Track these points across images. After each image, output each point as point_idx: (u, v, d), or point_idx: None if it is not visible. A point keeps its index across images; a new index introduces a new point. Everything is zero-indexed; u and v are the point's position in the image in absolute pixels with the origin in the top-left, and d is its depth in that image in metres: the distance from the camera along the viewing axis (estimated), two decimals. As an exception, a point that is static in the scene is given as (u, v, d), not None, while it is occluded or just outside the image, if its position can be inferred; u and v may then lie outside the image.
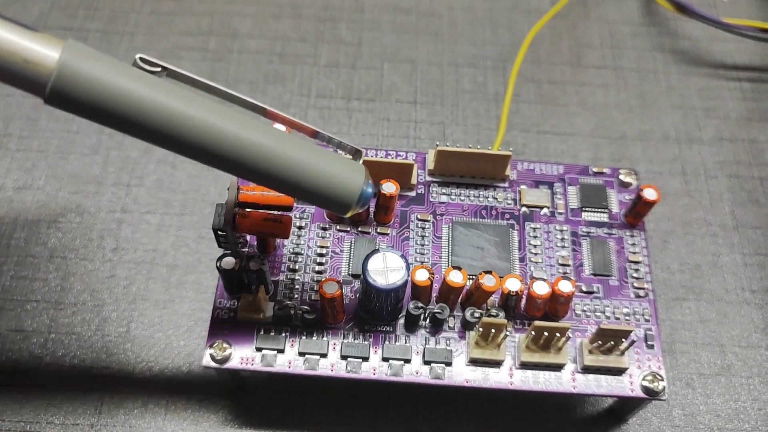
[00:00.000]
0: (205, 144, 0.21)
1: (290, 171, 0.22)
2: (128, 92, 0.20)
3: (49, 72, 0.19)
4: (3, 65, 0.19)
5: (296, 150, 0.22)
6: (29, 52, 0.18)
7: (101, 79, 0.19)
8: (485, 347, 0.28)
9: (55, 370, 0.32)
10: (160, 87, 0.20)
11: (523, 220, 0.32)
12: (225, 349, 0.28)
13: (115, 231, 0.36)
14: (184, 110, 0.20)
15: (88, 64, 0.19)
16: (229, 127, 0.21)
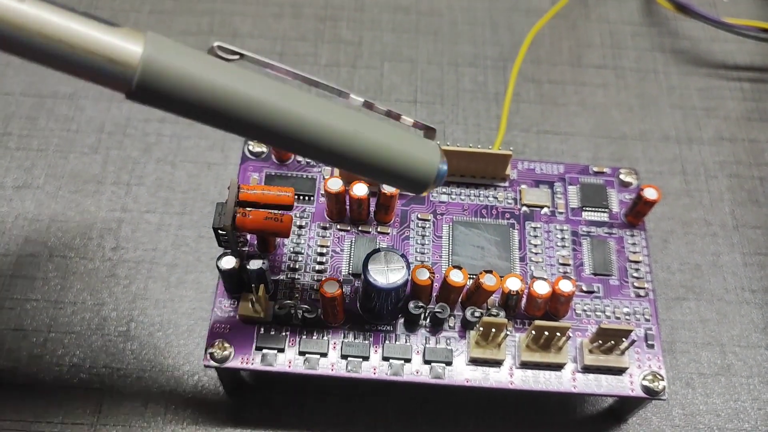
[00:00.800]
0: (288, 130, 0.21)
1: (372, 154, 0.22)
2: (210, 83, 0.19)
3: (134, 69, 0.18)
4: (87, 65, 0.18)
5: (377, 133, 0.22)
6: (113, 51, 0.18)
7: (184, 72, 0.19)
8: (485, 347, 0.28)
9: (54, 370, 0.32)
10: (240, 76, 0.20)
11: (523, 220, 0.32)
12: (225, 349, 0.28)
13: (115, 230, 0.35)
14: (265, 98, 0.20)
15: (171, 57, 0.19)
16: (312, 114, 0.21)
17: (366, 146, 0.22)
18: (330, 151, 0.22)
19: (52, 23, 0.17)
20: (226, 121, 0.20)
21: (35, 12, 0.16)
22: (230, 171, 0.37)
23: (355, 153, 0.22)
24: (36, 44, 0.17)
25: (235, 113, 0.20)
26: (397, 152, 0.23)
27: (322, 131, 0.21)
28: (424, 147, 0.24)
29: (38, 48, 0.17)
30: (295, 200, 0.31)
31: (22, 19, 0.16)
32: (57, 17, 0.17)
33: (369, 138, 0.22)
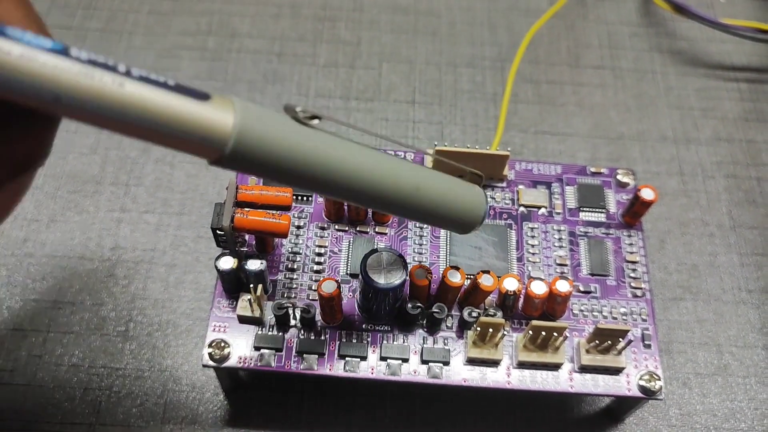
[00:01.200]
0: (365, 191, 0.22)
1: (434, 207, 0.24)
2: (295, 149, 0.20)
3: (225, 142, 0.18)
4: (182, 142, 0.18)
5: (440, 186, 0.24)
6: (206, 127, 0.18)
7: (271, 141, 0.19)
8: (483, 347, 0.28)
9: (53, 370, 0.32)
10: (320, 140, 0.21)
11: (521, 220, 0.32)
12: (223, 349, 0.28)
13: (114, 230, 0.36)
14: (343, 162, 0.21)
15: (260, 127, 0.19)
16: (387, 174, 0.22)
17: (430, 200, 0.24)
18: (402, 206, 0.23)
19: (151, 105, 0.17)
20: (306, 183, 0.21)
21: (136, 96, 0.17)
22: (229, 171, 0.37)
23: (421, 206, 0.24)
24: (133, 125, 0.17)
25: (315, 176, 0.21)
26: (453, 202, 0.25)
27: (396, 189, 0.23)
28: (473, 195, 0.26)
29: (135, 128, 0.17)
30: (294, 200, 0.31)
31: (123, 103, 0.17)
32: (155, 98, 0.17)
33: (433, 192, 0.24)
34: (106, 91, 0.16)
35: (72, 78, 0.16)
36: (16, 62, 0.15)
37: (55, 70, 0.15)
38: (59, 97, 0.16)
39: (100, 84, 0.16)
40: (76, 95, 0.16)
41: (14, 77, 0.15)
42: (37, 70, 0.15)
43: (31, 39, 0.15)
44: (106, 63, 0.16)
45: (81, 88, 0.16)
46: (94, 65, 0.16)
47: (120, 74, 0.16)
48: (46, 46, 0.15)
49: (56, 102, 0.16)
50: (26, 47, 0.15)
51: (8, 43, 0.15)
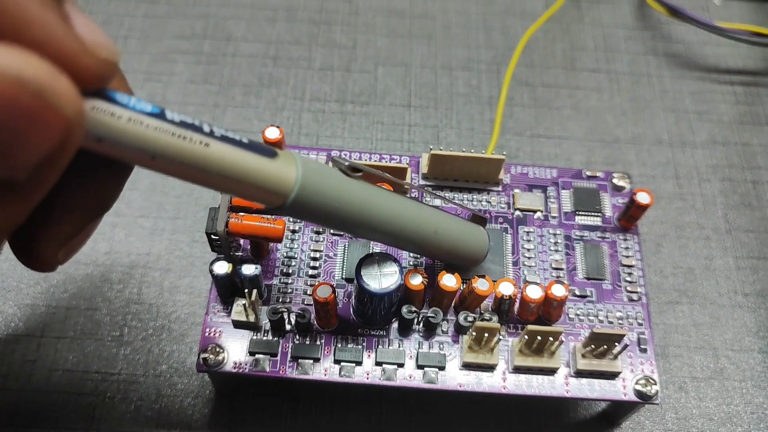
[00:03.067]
0: (397, 233, 0.25)
1: (449, 248, 0.28)
2: (346, 200, 0.23)
3: (287, 195, 0.21)
4: (251, 195, 0.20)
5: (455, 230, 0.28)
6: (274, 183, 0.20)
7: (326, 193, 0.22)
8: (478, 351, 0.28)
9: (47, 375, 0.32)
10: (365, 191, 0.24)
11: (516, 224, 0.32)
12: (218, 354, 0.28)
13: (109, 234, 0.35)
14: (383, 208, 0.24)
15: (317, 181, 0.22)
16: (415, 219, 0.26)
17: (443, 242, 0.27)
18: (419, 247, 0.27)
19: (230, 162, 0.19)
20: (350, 228, 0.25)
21: (219, 154, 0.19)
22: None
23: (435, 247, 0.27)
24: (214, 179, 0.19)
25: (358, 223, 0.24)
26: (462, 244, 0.28)
27: (418, 234, 0.26)
28: (478, 237, 0.29)
29: (215, 181, 0.19)
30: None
31: (207, 161, 0.19)
32: (234, 156, 0.19)
33: (447, 236, 0.27)
34: (195, 150, 0.18)
35: (168, 139, 0.18)
36: (125, 125, 0.17)
37: (155, 132, 0.17)
38: (155, 155, 0.18)
39: (190, 144, 0.18)
40: (169, 154, 0.18)
41: (122, 138, 0.17)
42: (141, 132, 0.17)
43: (136, 104, 0.17)
44: (194, 124, 0.18)
45: (175, 147, 0.18)
46: (186, 126, 0.18)
47: (205, 134, 0.19)
48: (148, 110, 0.17)
49: (152, 159, 0.18)
50: (133, 112, 0.17)
51: (119, 108, 0.17)
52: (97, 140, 0.17)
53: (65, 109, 0.15)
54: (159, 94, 0.40)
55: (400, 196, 0.26)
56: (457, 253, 0.28)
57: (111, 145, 0.17)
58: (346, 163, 0.23)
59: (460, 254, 0.28)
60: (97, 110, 0.17)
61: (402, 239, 0.26)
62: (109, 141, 0.17)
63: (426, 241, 0.26)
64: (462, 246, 0.28)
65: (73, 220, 0.20)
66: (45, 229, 0.20)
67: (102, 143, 0.17)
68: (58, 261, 0.21)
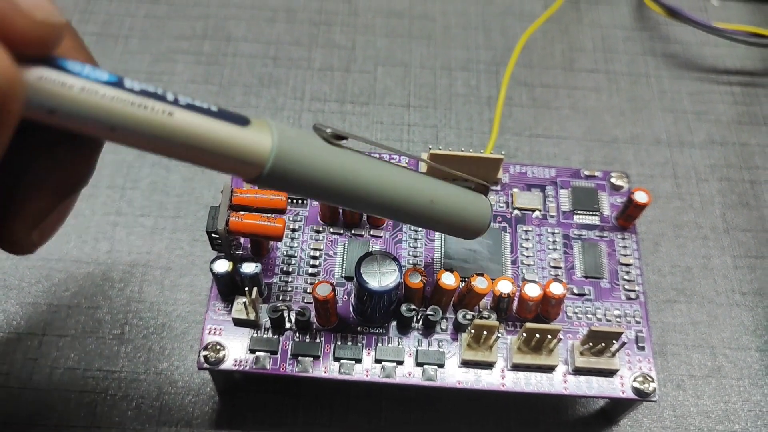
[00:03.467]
0: (387, 203, 0.24)
1: (447, 217, 0.26)
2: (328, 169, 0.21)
3: (263, 164, 0.20)
4: (223, 165, 0.19)
5: (453, 198, 0.26)
6: (247, 151, 0.19)
7: (307, 161, 0.21)
8: (477, 349, 0.28)
9: (49, 373, 0.32)
10: (349, 158, 0.22)
11: (515, 223, 0.32)
12: (219, 351, 0.28)
13: (110, 233, 0.36)
14: (369, 178, 0.23)
15: (295, 149, 0.20)
16: (408, 188, 0.24)
17: (443, 211, 0.25)
18: (417, 217, 0.25)
19: (198, 131, 0.18)
20: (336, 199, 0.23)
21: (184, 123, 0.18)
22: (224, 175, 0.37)
23: (435, 217, 0.25)
24: (180, 150, 0.18)
25: (343, 192, 0.22)
26: (463, 212, 0.26)
27: (413, 202, 0.24)
28: (480, 205, 0.27)
29: (182, 152, 0.18)
30: (289, 204, 0.31)
31: (172, 130, 0.18)
32: (201, 124, 0.18)
33: (445, 203, 0.25)
34: (157, 120, 0.17)
35: (127, 109, 0.17)
36: (78, 95, 0.16)
37: (112, 101, 0.17)
38: (115, 127, 0.17)
39: (152, 114, 0.17)
40: (130, 124, 0.17)
41: (76, 109, 0.16)
42: (96, 102, 0.16)
43: (90, 72, 0.16)
44: (156, 92, 0.17)
45: (135, 117, 0.17)
46: (146, 95, 0.17)
47: (169, 103, 0.18)
48: (103, 79, 0.16)
49: (111, 131, 0.17)
50: (86, 81, 0.16)
51: (70, 77, 0.16)
52: (48, 112, 0.16)
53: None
54: (160, 94, 0.40)
55: (392, 164, 0.24)
56: (456, 223, 0.26)
57: (65, 117, 0.16)
58: (328, 130, 0.22)
59: (460, 225, 0.27)
60: (45, 79, 0.16)
61: (394, 210, 0.24)
62: (62, 112, 0.16)
63: (421, 212, 0.25)
64: (462, 215, 0.26)
65: (42, 198, 0.20)
66: (14, 209, 0.19)
67: (55, 115, 0.16)
68: (32, 242, 0.20)
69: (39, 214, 0.20)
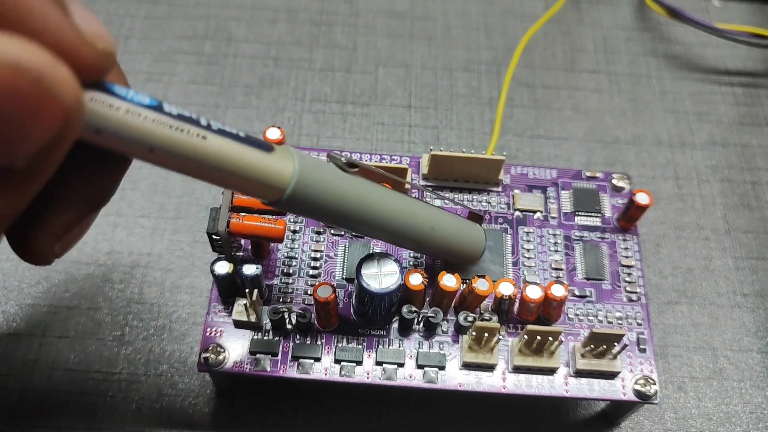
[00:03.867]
0: (393, 230, 0.25)
1: (447, 245, 0.28)
2: (342, 196, 0.23)
3: (284, 189, 0.21)
4: (248, 189, 0.21)
5: (452, 227, 0.28)
6: (271, 177, 0.21)
7: (323, 188, 0.22)
8: (478, 351, 0.28)
9: (48, 374, 0.32)
10: (361, 186, 0.24)
11: (516, 225, 0.32)
12: (219, 353, 0.28)
13: (110, 234, 0.36)
14: (379, 204, 0.24)
15: (314, 176, 0.22)
16: (412, 215, 0.26)
17: (440, 239, 0.27)
18: (418, 243, 0.27)
19: (228, 155, 0.19)
20: (347, 224, 0.24)
21: (216, 147, 0.19)
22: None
23: (432, 244, 0.27)
24: (210, 172, 0.19)
25: (354, 218, 0.24)
26: (459, 241, 0.28)
27: (415, 230, 0.26)
28: (475, 234, 0.29)
29: (211, 174, 0.19)
30: (289, 205, 0.31)
31: (205, 154, 0.19)
32: (231, 149, 0.19)
33: (443, 232, 0.27)
34: (192, 143, 0.18)
35: (166, 131, 0.18)
36: (123, 117, 0.17)
37: (153, 124, 0.18)
38: (153, 148, 0.18)
39: (187, 137, 0.18)
40: (167, 146, 0.18)
41: (120, 130, 0.17)
42: (139, 124, 0.17)
43: (134, 96, 0.17)
44: (191, 117, 0.18)
45: (173, 140, 0.18)
46: (183, 120, 0.18)
47: (203, 127, 0.19)
48: (145, 103, 0.18)
49: (150, 152, 0.18)
50: (130, 104, 0.17)
51: (117, 100, 0.17)
52: (95, 132, 0.17)
53: (65, 97, 0.15)
54: (160, 94, 0.40)
55: (397, 193, 0.26)
56: (453, 250, 0.28)
57: (109, 136, 0.17)
58: (342, 159, 0.23)
59: (457, 251, 0.29)
60: (96, 101, 0.17)
61: (398, 235, 0.26)
62: (108, 132, 0.17)
63: (422, 238, 0.26)
64: (459, 243, 0.28)
65: (69, 213, 0.20)
66: (42, 221, 0.20)
67: (100, 135, 0.17)
68: (54, 254, 0.21)
69: (65, 227, 0.21)
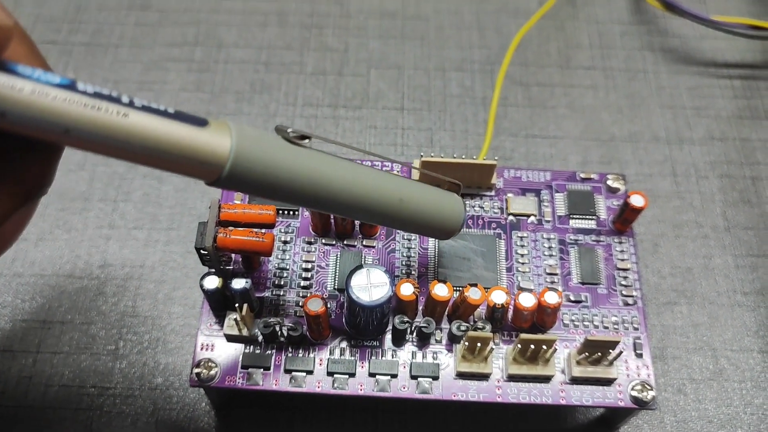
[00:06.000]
0: (354, 203, 0.23)
1: (417, 217, 0.26)
2: (289, 169, 0.21)
3: (223, 165, 0.20)
4: (182, 167, 0.19)
5: (422, 197, 0.26)
6: (206, 152, 0.19)
7: (266, 162, 0.20)
8: (472, 360, 0.28)
9: (43, 391, 0.32)
10: (312, 158, 0.22)
11: (509, 229, 0.31)
12: (211, 368, 0.28)
13: (103, 247, 0.35)
14: (335, 176, 0.22)
15: (255, 150, 0.20)
16: (375, 187, 0.24)
17: (413, 210, 0.25)
18: (387, 217, 0.25)
19: (154, 133, 0.18)
20: (299, 199, 0.22)
21: (140, 125, 0.18)
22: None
23: (405, 216, 0.25)
24: (137, 152, 0.18)
25: (306, 193, 0.22)
26: (434, 212, 0.26)
27: (381, 201, 0.24)
28: (452, 204, 0.27)
29: (139, 155, 0.18)
30: (281, 215, 0.31)
31: (128, 132, 0.18)
32: (157, 126, 0.18)
33: (415, 203, 0.25)
34: (112, 122, 0.17)
35: (80, 111, 0.17)
36: (28, 98, 0.16)
37: (65, 103, 0.17)
38: (68, 129, 0.17)
39: (106, 115, 0.17)
40: (84, 127, 0.17)
41: (27, 112, 0.16)
42: (47, 105, 0.16)
43: (41, 75, 0.17)
44: (111, 95, 0.17)
45: (89, 119, 0.17)
46: (100, 98, 0.17)
47: (124, 105, 0.18)
48: (55, 82, 0.17)
49: (66, 134, 0.17)
50: (37, 83, 0.16)
51: (20, 80, 0.16)
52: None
53: None
54: (151, 103, 0.40)
55: (360, 165, 0.24)
56: (428, 222, 0.26)
57: (16, 120, 0.16)
58: (289, 130, 0.22)
59: (433, 224, 0.26)
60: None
61: (363, 210, 0.24)
62: (13, 115, 0.16)
63: (391, 211, 0.24)
64: (434, 215, 0.26)
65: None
66: None
67: (5, 118, 0.16)
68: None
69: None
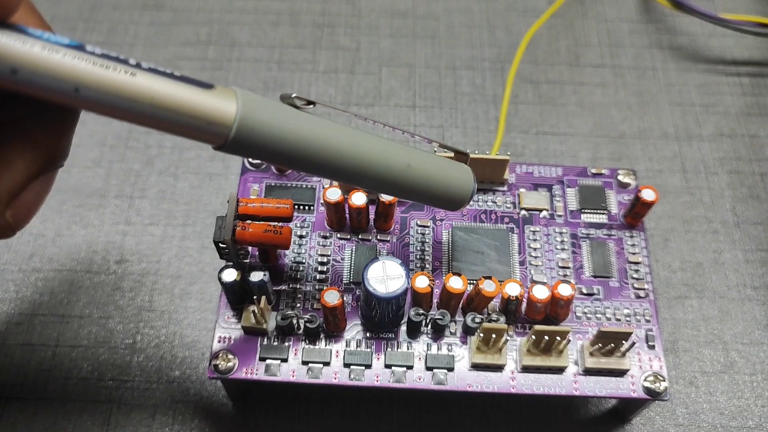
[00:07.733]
0: (360, 169, 0.23)
1: (423, 184, 0.25)
2: (293, 134, 0.21)
3: (228, 128, 0.20)
4: (188, 129, 0.20)
5: (428, 165, 0.25)
6: (211, 114, 0.19)
7: (271, 126, 0.21)
8: (487, 352, 0.28)
9: (63, 384, 0.32)
10: (314, 124, 0.22)
11: (522, 224, 0.32)
12: (229, 360, 0.28)
13: (119, 243, 0.36)
14: (339, 143, 0.22)
15: (261, 114, 0.20)
16: (382, 153, 0.24)
17: (421, 177, 0.25)
18: (394, 184, 0.25)
19: (161, 93, 0.18)
20: (304, 164, 0.22)
21: (147, 84, 0.18)
22: (231, 181, 0.38)
23: (413, 183, 0.25)
24: (144, 112, 0.19)
25: (312, 157, 0.22)
26: (444, 179, 0.26)
27: (388, 167, 0.24)
28: (461, 172, 0.27)
29: (146, 115, 0.19)
30: (296, 210, 0.31)
31: (135, 91, 0.18)
32: (164, 86, 0.19)
33: (424, 170, 0.25)
34: (120, 81, 0.18)
35: (89, 68, 0.17)
36: (39, 55, 0.17)
37: (74, 61, 0.17)
38: (78, 88, 0.17)
39: (114, 74, 0.18)
40: (93, 85, 0.17)
41: (38, 69, 0.17)
42: (58, 62, 0.17)
43: (51, 36, 0.17)
44: (118, 57, 0.18)
45: (98, 77, 0.17)
46: (108, 58, 0.18)
47: (131, 66, 0.18)
48: (64, 42, 0.17)
49: (75, 93, 0.17)
50: (47, 43, 0.17)
51: (31, 39, 0.17)
52: (11, 72, 0.17)
53: None
54: (165, 101, 0.40)
55: (367, 132, 0.24)
56: (438, 191, 0.26)
57: (27, 76, 0.17)
58: (293, 95, 0.22)
59: (442, 192, 0.26)
60: (5, 42, 0.16)
61: (369, 176, 0.24)
62: (25, 71, 0.17)
63: (399, 178, 0.24)
64: (442, 182, 0.26)
65: (13, 176, 0.19)
66: None
67: (17, 75, 0.17)
68: (8, 224, 0.20)
69: (10, 190, 0.19)
